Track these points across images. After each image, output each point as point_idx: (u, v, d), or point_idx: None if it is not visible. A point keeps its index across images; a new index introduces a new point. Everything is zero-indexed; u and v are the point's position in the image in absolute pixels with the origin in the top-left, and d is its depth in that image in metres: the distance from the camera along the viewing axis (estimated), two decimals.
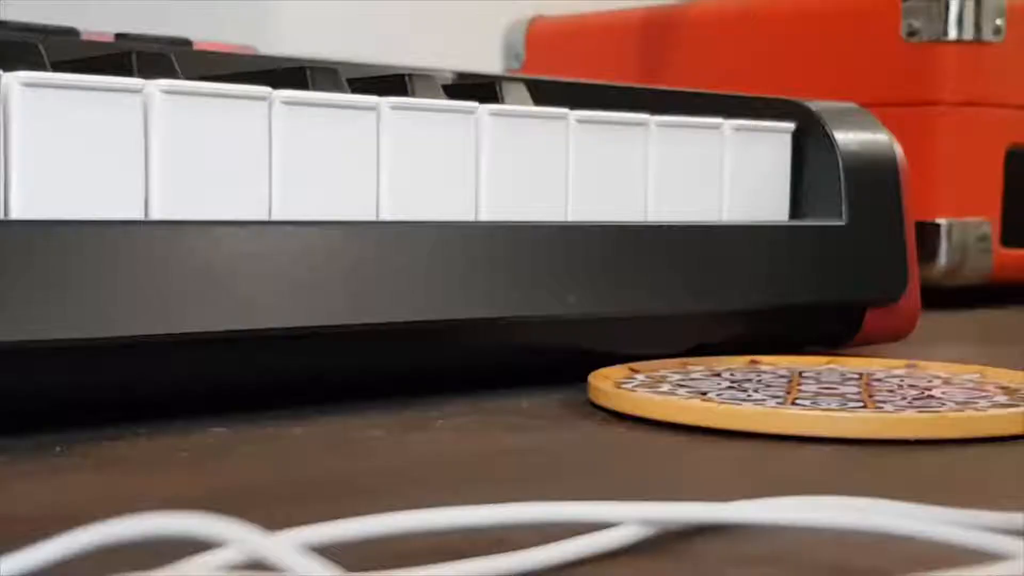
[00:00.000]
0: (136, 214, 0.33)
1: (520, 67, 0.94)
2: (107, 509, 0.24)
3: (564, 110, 0.42)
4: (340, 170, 0.37)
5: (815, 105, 0.48)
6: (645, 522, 0.22)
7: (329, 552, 0.18)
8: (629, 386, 0.37)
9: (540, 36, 0.94)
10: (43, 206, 0.32)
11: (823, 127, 0.47)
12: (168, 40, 0.52)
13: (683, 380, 0.39)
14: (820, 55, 0.75)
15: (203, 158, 0.34)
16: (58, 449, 0.30)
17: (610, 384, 0.37)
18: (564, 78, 0.53)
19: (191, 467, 0.29)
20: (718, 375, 0.40)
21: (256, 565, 0.16)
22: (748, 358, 0.43)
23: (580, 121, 0.42)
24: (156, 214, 0.34)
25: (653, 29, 0.86)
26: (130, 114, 0.33)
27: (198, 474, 0.28)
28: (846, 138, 0.47)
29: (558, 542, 0.21)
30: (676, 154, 0.44)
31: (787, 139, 0.47)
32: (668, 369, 0.41)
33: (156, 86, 0.34)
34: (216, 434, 0.32)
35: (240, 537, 0.15)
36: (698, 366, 0.42)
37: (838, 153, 0.47)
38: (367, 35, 1.04)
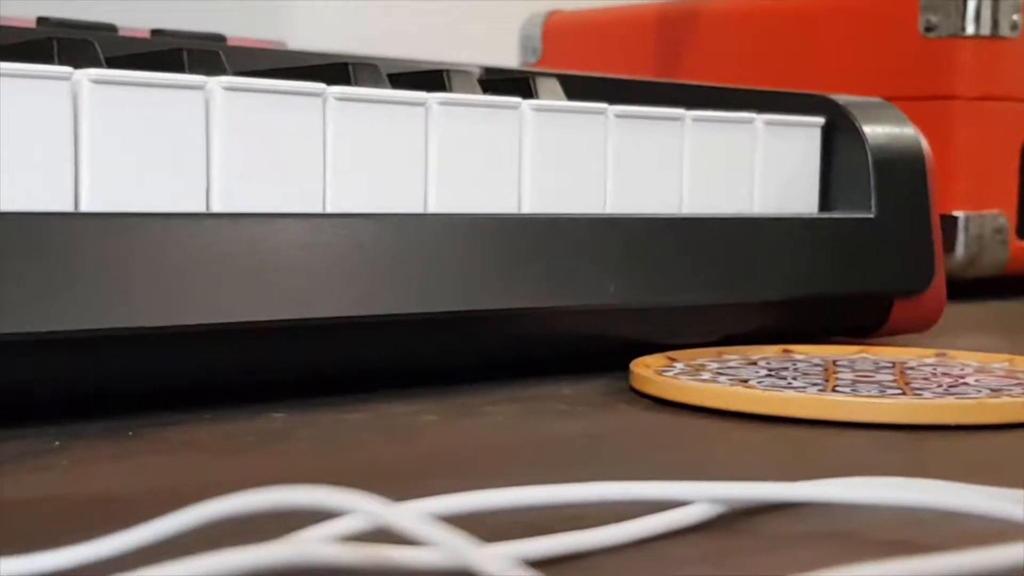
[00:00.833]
0: (198, 207, 0.34)
1: (537, 61, 0.95)
2: (196, 488, 0.26)
3: (603, 105, 0.43)
4: (390, 164, 0.38)
5: (843, 99, 0.49)
6: (715, 500, 0.23)
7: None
8: (670, 374, 0.38)
9: (557, 30, 0.95)
10: (112, 199, 0.33)
11: (852, 121, 0.48)
12: (203, 35, 0.54)
13: (721, 368, 0.40)
14: (838, 50, 0.76)
15: (260, 152, 0.35)
16: (130, 433, 0.31)
17: (652, 372, 0.38)
18: (595, 73, 0.54)
19: (261, 450, 0.30)
20: (754, 363, 0.41)
21: (380, 534, 0.17)
22: (781, 347, 0.44)
23: (619, 116, 0.43)
24: (216, 207, 0.35)
25: (670, 24, 0.87)
26: (193, 109, 0.34)
27: (269, 456, 0.29)
28: (874, 132, 0.48)
29: (635, 519, 0.22)
30: (710, 148, 0.45)
31: (817, 133, 0.48)
32: (705, 358, 0.42)
33: (217, 82, 0.35)
34: (277, 419, 0.33)
35: (366, 507, 0.16)
36: (733, 355, 0.43)
37: (867, 147, 0.48)
38: (377, 30, 1.05)
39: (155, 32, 0.54)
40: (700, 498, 0.22)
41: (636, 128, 0.43)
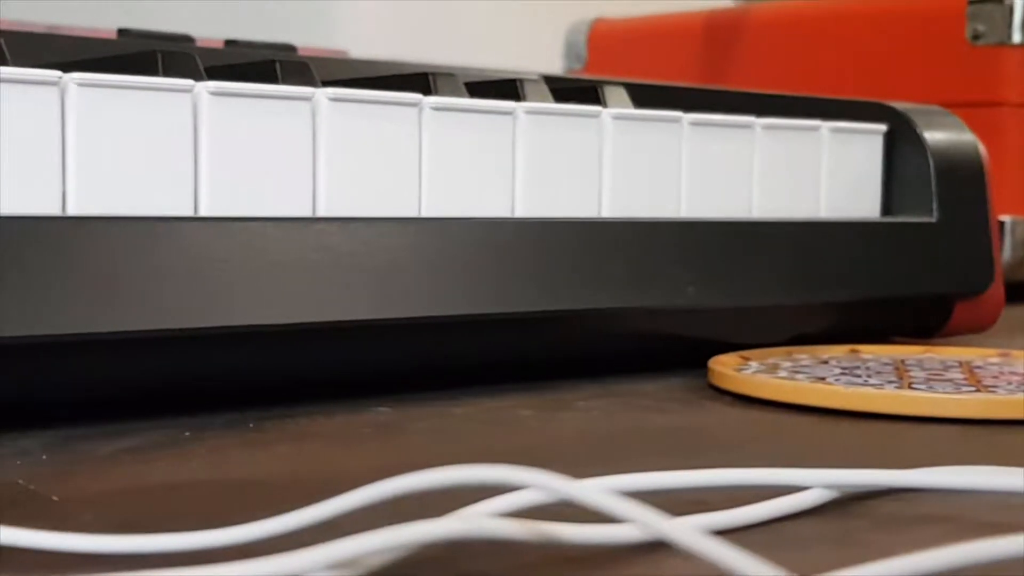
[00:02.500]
0: (306, 211, 0.36)
1: (582, 68, 0.97)
2: (331, 474, 0.27)
3: (678, 113, 0.44)
4: (479, 171, 0.40)
5: (903, 107, 0.51)
6: (831, 486, 0.24)
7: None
8: (748, 372, 0.40)
9: (602, 37, 0.96)
10: (230, 204, 0.34)
11: (913, 128, 0.50)
12: (275, 45, 0.55)
13: (795, 367, 0.41)
14: (885, 58, 0.78)
15: (362, 160, 0.37)
16: (251, 425, 0.33)
17: (729, 370, 0.40)
18: (659, 81, 0.56)
19: (380, 440, 0.32)
20: (825, 363, 0.43)
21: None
22: (848, 347, 0.46)
23: (693, 124, 0.44)
24: (322, 211, 0.36)
25: (716, 31, 0.88)
26: (301, 119, 0.36)
27: (390, 446, 0.31)
28: (935, 138, 0.50)
29: (757, 504, 0.23)
30: (778, 154, 0.47)
31: (879, 140, 0.50)
32: (776, 357, 0.44)
33: (323, 94, 0.37)
34: (384, 413, 0.35)
35: (549, 483, 0.18)
36: (802, 354, 0.45)
37: (928, 153, 0.49)
38: (418, 36, 1.07)
39: (229, 42, 0.55)
40: (817, 484, 0.24)
41: (709, 135, 0.45)
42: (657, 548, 0.21)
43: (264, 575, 0.18)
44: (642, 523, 0.16)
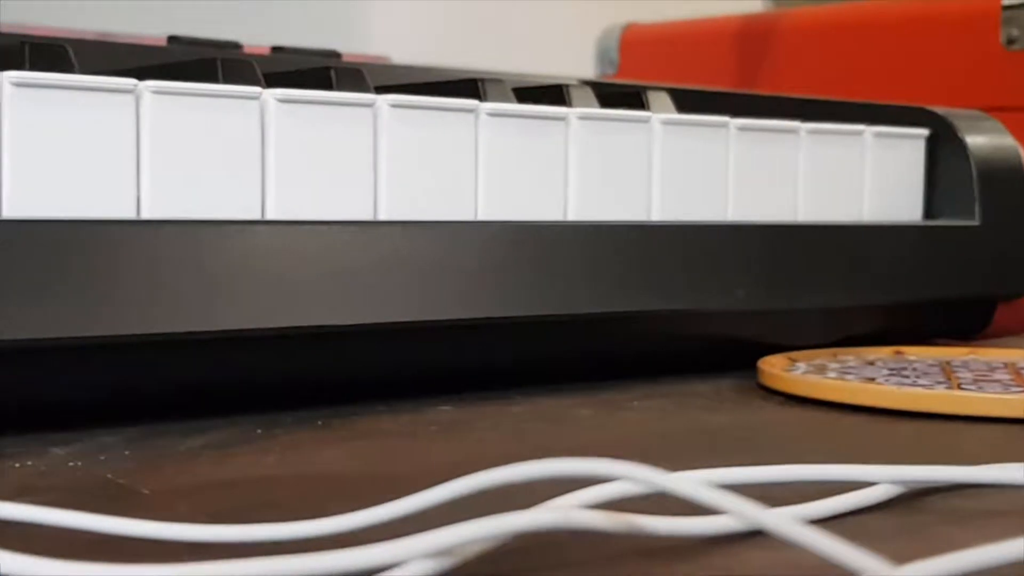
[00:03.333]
0: (367, 215, 0.37)
1: (614, 73, 0.98)
2: (407, 468, 0.28)
3: (725, 118, 0.45)
4: (533, 174, 0.41)
5: (945, 112, 0.51)
6: (897, 481, 0.25)
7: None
8: (798, 372, 0.41)
9: (634, 42, 0.97)
10: (296, 208, 0.35)
11: (955, 133, 0.50)
12: (320, 52, 0.56)
13: (842, 368, 0.42)
14: (918, 63, 0.78)
15: (421, 164, 0.38)
16: (319, 423, 0.34)
17: (780, 370, 0.41)
18: (701, 87, 0.57)
19: (447, 437, 0.32)
20: (872, 364, 0.43)
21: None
22: (892, 348, 0.46)
23: (740, 128, 0.45)
24: (383, 215, 0.37)
25: (748, 36, 0.89)
26: (362, 125, 0.37)
27: (457, 442, 0.32)
28: (976, 143, 0.50)
29: (829, 498, 0.24)
30: (823, 158, 0.48)
31: (921, 144, 0.51)
32: (822, 358, 0.44)
33: (384, 100, 0.37)
34: (445, 411, 0.36)
35: (643, 476, 0.18)
36: (848, 356, 0.45)
37: (970, 157, 0.50)
38: (452, 41, 1.08)
39: (275, 49, 0.56)
40: (884, 479, 0.25)
41: (755, 139, 0.46)
42: (735, 540, 0.22)
43: (368, 563, 0.19)
44: (739, 514, 0.17)
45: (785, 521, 0.16)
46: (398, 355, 0.38)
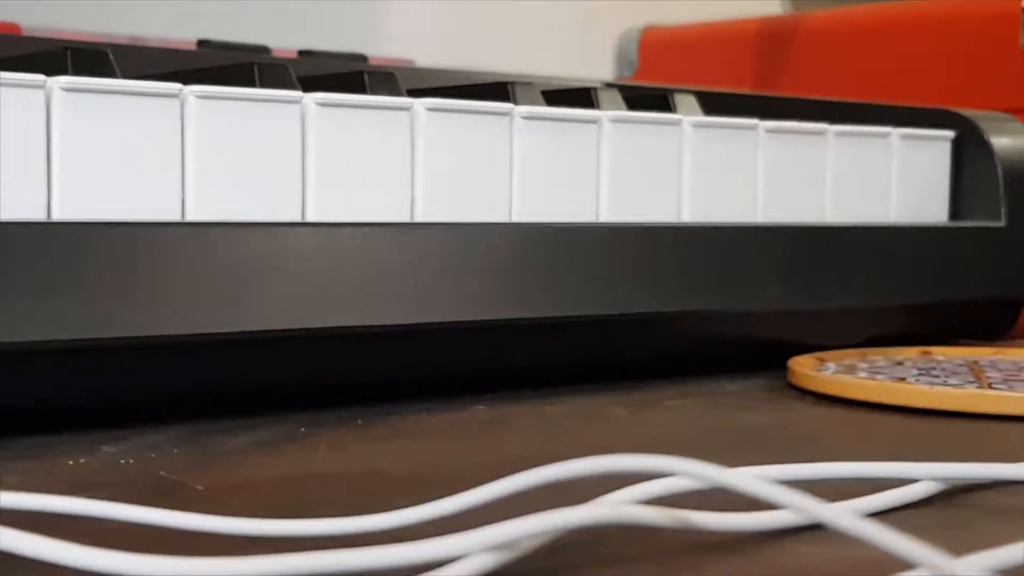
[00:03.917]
0: (404, 217, 0.38)
1: (633, 75, 0.98)
2: (454, 466, 0.29)
3: (754, 120, 0.45)
4: (564, 176, 0.41)
5: (970, 114, 0.52)
6: (938, 478, 0.25)
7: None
8: (827, 372, 0.41)
9: (653, 44, 0.98)
10: (335, 210, 0.36)
11: (981, 135, 0.51)
12: (346, 55, 0.57)
13: (872, 367, 0.43)
14: (938, 64, 0.78)
15: (457, 167, 0.38)
16: (359, 422, 0.34)
17: (812, 370, 0.41)
18: (727, 89, 0.57)
19: (488, 435, 0.33)
20: (900, 364, 0.44)
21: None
22: (919, 349, 0.47)
23: (769, 131, 0.46)
24: (419, 216, 0.38)
25: (768, 39, 0.90)
26: (401, 128, 0.37)
27: (499, 440, 0.32)
28: (1002, 144, 0.51)
29: (874, 495, 0.25)
30: (850, 160, 0.48)
31: (947, 146, 0.51)
32: (851, 358, 0.45)
33: (422, 104, 0.38)
34: (482, 411, 0.36)
35: (701, 472, 0.19)
36: (876, 355, 0.46)
37: (996, 159, 0.50)
38: (475, 42, 1.08)
39: (302, 52, 0.57)
40: (926, 476, 0.25)
41: (784, 142, 0.46)
42: (784, 535, 0.23)
43: (432, 556, 0.19)
44: (799, 508, 0.18)
45: (845, 515, 0.17)
46: (434, 355, 0.39)
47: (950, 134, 0.51)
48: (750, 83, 0.90)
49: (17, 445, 0.30)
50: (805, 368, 0.41)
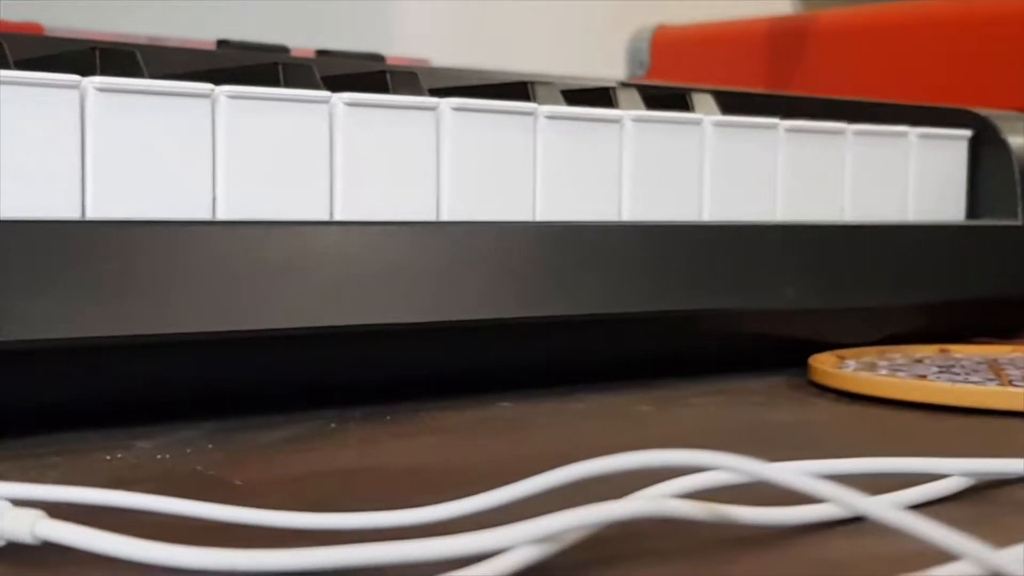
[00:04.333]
0: (430, 216, 0.38)
1: (644, 74, 0.99)
2: (485, 461, 0.29)
3: (775, 120, 0.46)
4: (589, 176, 0.41)
5: (987, 113, 0.52)
6: (968, 473, 0.26)
7: None
8: (849, 370, 0.41)
9: (665, 44, 0.98)
10: (363, 209, 0.36)
11: (998, 133, 0.51)
12: (364, 56, 0.57)
13: (892, 365, 0.43)
14: (949, 63, 0.79)
15: (482, 166, 0.39)
16: (387, 418, 0.35)
17: (834, 368, 0.41)
18: (743, 88, 0.58)
19: (514, 433, 0.33)
20: (920, 362, 0.44)
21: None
22: (938, 347, 0.47)
23: (789, 130, 0.46)
24: (445, 216, 0.38)
25: (780, 38, 0.90)
26: (426, 128, 0.38)
27: (525, 438, 0.33)
28: (1019, 143, 0.51)
29: (906, 490, 0.25)
30: (869, 159, 0.48)
31: (964, 145, 0.51)
32: (871, 356, 0.45)
33: (448, 104, 0.38)
34: (507, 408, 0.37)
35: (742, 466, 0.19)
36: (895, 354, 0.46)
37: (1013, 158, 0.50)
38: (486, 41, 1.09)
39: (320, 52, 0.57)
40: (956, 471, 0.26)
41: (804, 141, 0.47)
42: (819, 529, 0.23)
43: (479, 548, 0.20)
44: (842, 502, 0.18)
45: (889, 508, 0.17)
46: (458, 352, 0.39)
47: (967, 133, 0.51)
48: (761, 82, 0.90)
49: (53, 441, 0.31)
50: (826, 366, 0.41)
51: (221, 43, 0.54)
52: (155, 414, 0.33)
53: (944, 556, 0.19)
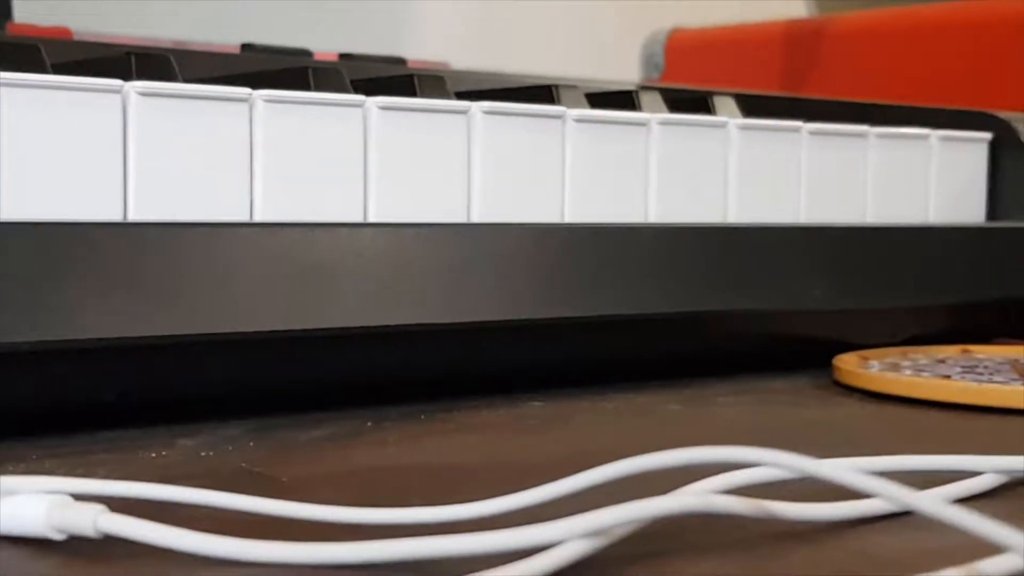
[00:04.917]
0: (460, 218, 0.38)
1: (659, 77, 0.99)
2: (523, 458, 0.30)
3: (798, 123, 0.46)
4: (616, 178, 0.42)
5: (1007, 115, 0.52)
6: (1002, 471, 0.26)
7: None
8: (874, 370, 0.42)
9: (680, 47, 0.98)
10: (395, 211, 0.37)
11: (1017, 136, 0.52)
12: (385, 59, 0.58)
13: (915, 365, 0.43)
14: (968, 66, 0.79)
15: (511, 169, 0.39)
16: (422, 416, 0.35)
17: (855, 368, 0.42)
18: (764, 91, 0.58)
19: (549, 430, 0.34)
20: (943, 362, 0.45)
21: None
22: (959, 347, 0.48)
23: (812, 132, 0.46)
24: (476, 218, 0.39)
25: (795, 41, 0.90)
26: (458, 131, 0.38)
27: (560, 436, 0.33)
28: None
29: (942, 486, 0.25)
30: (891, 161, 0.49)
31: (984, 147, 0.52)
32: (893, 356, 0.46)
33: (479, 107, 0.39)
34: (539, 406, 0.37)
35: (790, 462, 0.20)
36: (918, 354, 0.46)
37: None
38: (499, 45, 1.09)
39: (343, 56, 0.58)
40: (990, 469, 0.26)
41: (826, 143, 0.47)
42: (861, 524, 0.23)
43: (529, 542, 0.20)
44: (890, 497, 0.18)
45: (937, 503, 0.18)
46: (490, 352, 0.39)
47: (987, 136, 0.52)
48: (776, 85, 0.91)
49: (98, 439, 0.31)
50: (851, 366, 0.42)
51: (245, 47, 0.55)
52: (193, 413, 0.34)
53: (987, 550, 0.19)
